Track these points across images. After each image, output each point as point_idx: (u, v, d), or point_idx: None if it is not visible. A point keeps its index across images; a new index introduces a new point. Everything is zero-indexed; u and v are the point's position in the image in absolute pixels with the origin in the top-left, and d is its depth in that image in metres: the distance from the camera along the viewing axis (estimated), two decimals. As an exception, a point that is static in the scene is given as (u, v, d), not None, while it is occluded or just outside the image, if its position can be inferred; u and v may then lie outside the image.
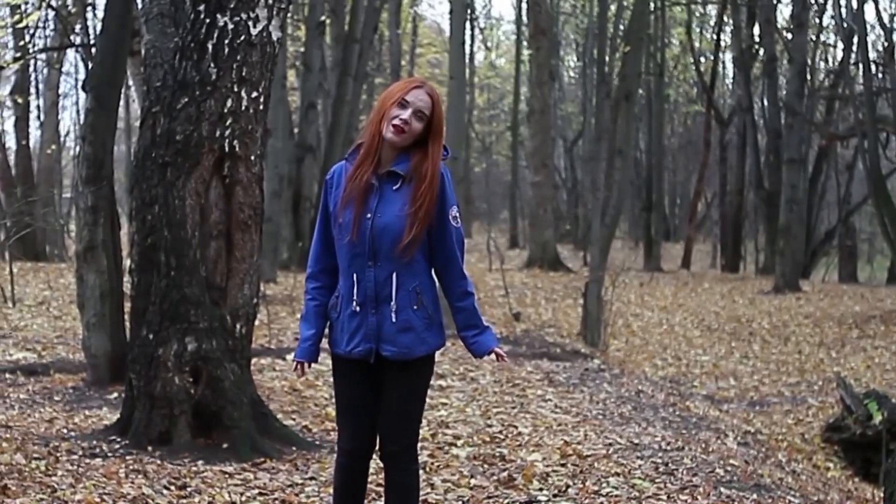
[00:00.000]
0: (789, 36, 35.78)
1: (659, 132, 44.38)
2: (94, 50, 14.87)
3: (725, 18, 43.15)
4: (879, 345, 20.31)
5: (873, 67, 33.96)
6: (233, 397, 8.55)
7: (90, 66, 14.41)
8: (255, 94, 8.56)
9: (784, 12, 49.41)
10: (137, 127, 9.66)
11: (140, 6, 10.10)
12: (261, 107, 8.66)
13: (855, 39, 32.72)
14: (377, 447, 5.43)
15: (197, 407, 8.51)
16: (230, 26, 8.33)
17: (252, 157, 8.67)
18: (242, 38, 8.37)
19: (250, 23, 8.38)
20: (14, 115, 34.80)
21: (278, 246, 26.32)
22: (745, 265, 44.08)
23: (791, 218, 30.57)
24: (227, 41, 8.34)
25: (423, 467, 8.01)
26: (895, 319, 23.20)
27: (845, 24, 34.09)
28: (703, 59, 48.98)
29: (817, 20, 41.28)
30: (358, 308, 5.22)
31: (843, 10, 34.53)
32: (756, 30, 39.59)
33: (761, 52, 39.32)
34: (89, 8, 28.57)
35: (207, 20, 8.33)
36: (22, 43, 28.94)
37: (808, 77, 37.80)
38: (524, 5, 45.01)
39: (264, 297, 15.40)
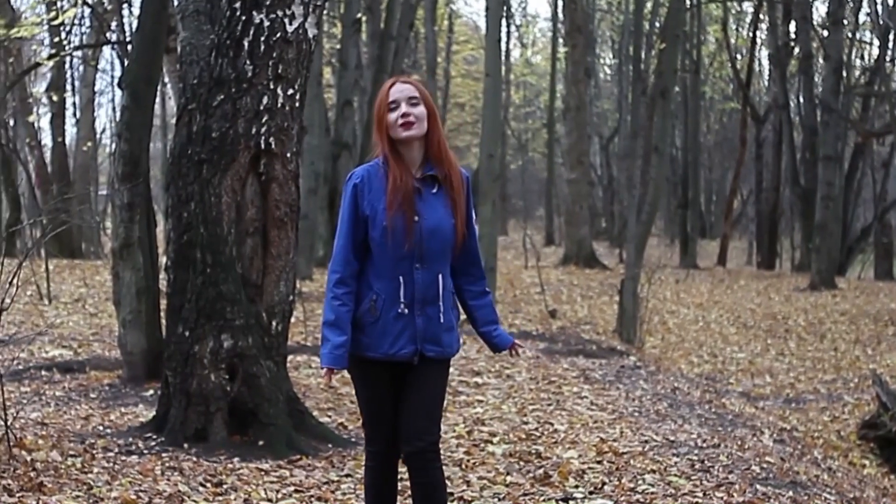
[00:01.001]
0: (825, 33, 35.51)
1: (695, 129, 44.22)
2: (129, 47, 14.96)
3: (761, 16, 42.92)
4: (916, 342, 20.23)
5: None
6: (269, 394, 8.57)
7: (126, 63, 14.46)
8: (290, 92, 8.58)
9: (820, 9, 49.38)
10: (173, 124, 9.69)
11: (176, 3, 10.11)
12: (297, 104, 8.68)
13: (891, 36, 32.59)
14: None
15: (233, 404, 8.53)
16: (266, 23, 8.36)
17: (288, 154, 8.69)
18: (278, 35, 8.40)
19: (286, 20, 8.40)
20: (50, 113, 34.98)
21: (314, 243, 26.33)
22: (780, 262, 43.89)
23: (827, 215, 30.43)
24: (263, 38, 8.37)
25: (459, 464, 8.03)
26: (932, 317, 23.11)
27: (881, 21, 33.92)
28: (738, 57, 48.81)
29: (853, 17, 41.03)
30: (406, 310, 5.22)
31: (879, 7, 34.40)
32: (792, 27, 39.39)
33: (797, 49, 39.13)
34: (125, 5, 28.80)
35: (243, 17, 8.36)
36: (58, 40, 29.07)
37: (844, 74, 37.47)
38: (560, 2, 44.85)
39: (300, 294, 15.41)
